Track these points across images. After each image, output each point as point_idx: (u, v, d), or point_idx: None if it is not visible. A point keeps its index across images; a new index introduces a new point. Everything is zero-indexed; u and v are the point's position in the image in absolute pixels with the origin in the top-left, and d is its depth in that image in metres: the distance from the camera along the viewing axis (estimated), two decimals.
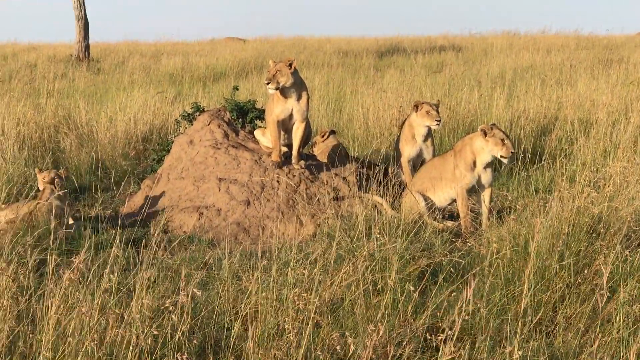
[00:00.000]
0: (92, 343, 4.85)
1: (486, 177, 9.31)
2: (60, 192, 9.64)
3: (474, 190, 9.37)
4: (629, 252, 6.71)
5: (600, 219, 7.44)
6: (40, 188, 9.83)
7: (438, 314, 6.04)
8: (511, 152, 9.03)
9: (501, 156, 9.05)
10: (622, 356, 5.04)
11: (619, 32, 48.19)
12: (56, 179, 9.83)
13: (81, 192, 11.64)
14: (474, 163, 9.23)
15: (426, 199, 9.49)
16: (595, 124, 12.34)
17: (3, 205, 9.66)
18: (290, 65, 9.67)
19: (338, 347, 4.93)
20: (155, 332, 5.05)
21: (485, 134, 9.02)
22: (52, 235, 6.92)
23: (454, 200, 9.58)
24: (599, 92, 15.99)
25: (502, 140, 8.98)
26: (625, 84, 17.27)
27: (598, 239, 7.11)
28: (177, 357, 4.91)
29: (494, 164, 9.34)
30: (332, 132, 11.74)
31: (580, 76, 20.30)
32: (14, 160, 11.69)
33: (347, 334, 5.20)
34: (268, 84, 9.58)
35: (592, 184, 8.34)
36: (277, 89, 9.62)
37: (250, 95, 15.36)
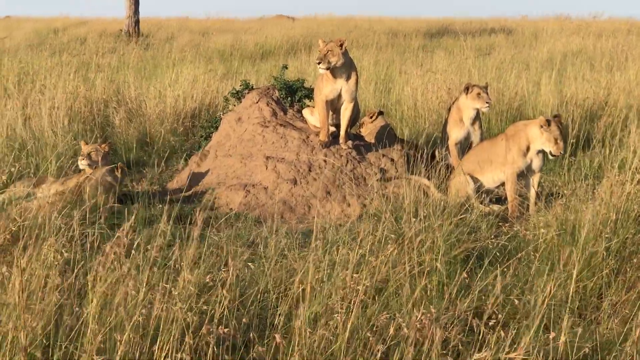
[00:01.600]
0: (140, 317, 4.90)
1: (537, 162, 9.31)
2: (99, 167, 9.72)
3: (522, 175, 9.35)
4: None
5: None
6: (80, 162, 9.89)
7: (483, 297, 6.04)
8: (561, 152, 9.03)
9: (550, 152, 9.06)
10: None
11: None
12: (92, 153, 9.88)
13: (129, 167, 11.71)
14: (527, 148, 9.21)
15: (475, 180, 9.49)
16: None
17: (51, 179, 9.75)
18: (341, 45, 9.68)
19: (392, 330, 4.94)
20: (205, 307, 5.09)
21: (541, 126, 9.01)
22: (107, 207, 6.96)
23: (502, 184, 9.57)
24: None
25: (556, 139, 8.97)
26: None
27: None
28: (221, 330, 4.95)
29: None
30: (381, 113, 11.73)
31: (631, 62, 20.10)
32: (64, 134, 11.77)
33: (397, 315, 5.22)
34: (319, 63, 9.60)
35: None
36: (328, 68, 9.64)
37: (299, 74, 15.38)
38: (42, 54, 22.97)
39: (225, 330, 4.97)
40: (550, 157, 9.20)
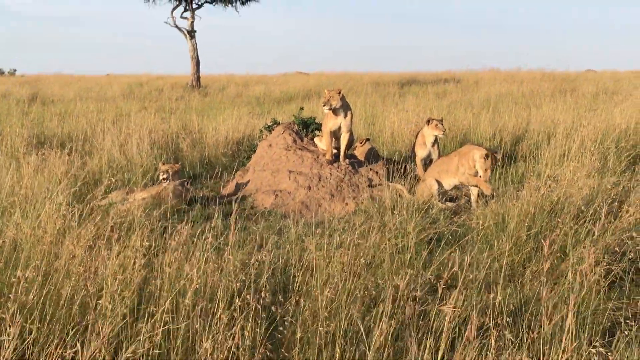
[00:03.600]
0: (198, 285, 4.88)
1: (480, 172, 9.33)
2: (173, 180, 9.78)
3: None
4: (578, 227, 6.64)
5: (558, 203, 7.37)
6: (160, 177, 9.94)
7: (441, 268, 6.03)
8: (486, 179, 9.06)
9: (480, 175, 9.11)
10: (571, 301, 4.98)
11: (573, 69, 47.50)
12: (168, 170, 9.94)
13: (193, 179, 11.75)
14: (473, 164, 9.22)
15: (438, 184, 9.49)
16: (555, 136, 12.19)
17: (139, 188, 9.76)
18: (340, 93, 9.81)
19: (374, 292, 4.92)
20: (244, 278, 5.07)
21: (485, 157, 9.01)
22: (180, 210, 6.93)
23: (455, 187, 9.57)
24: (557, 112, 15.81)
25: (486, 169, 9.00)
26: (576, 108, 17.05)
27: (556, 217, 7.05)
28: (259, 295, 4.93)
29: None
30: (368, 140, 11.72)
31: (543, 101, 20.05)
32: (147, 156, 11.81)
33: (379, 280, 5.20)
34: (324, 106, 9.76)
35: (552, 178, 8.26)
36: (330, 109, 9.77)
37: (311, 113, 15.36)
38: (132, 101, 23.04)
39: (261, 294, 4.95)
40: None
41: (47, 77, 49.25)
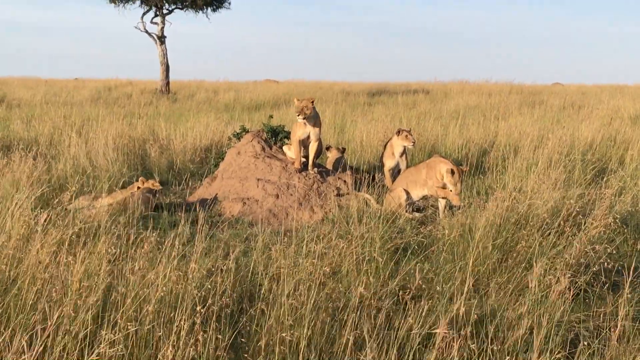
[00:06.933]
0: (162, 293, 4.85)
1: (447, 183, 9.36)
2: (144, 190, 9.78)
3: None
4: (543, 238, 6.70)
5: (523, 215, 7.44)
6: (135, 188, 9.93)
7: (407, 278, 6.05)
8: (457, 192, 9.04)
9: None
10: (536, 312, 5.03)
11: (540, 82, 48.08)
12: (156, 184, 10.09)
13: (161, 185, 11.68)
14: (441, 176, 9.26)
15: (406, 194, 9.53)
16: (521, 148, 12.30)
17: (105, 194, 9.68)
18: (312, 102, 9.82)
19: (338, 302, 4.92)
20: (209, 286, 5.05)
21: (451, 173, 8.99)
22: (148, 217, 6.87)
23: (424, 197, 9.62)
24: (525, 125, 15.97)
25: (456, 184, 8.99)
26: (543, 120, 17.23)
27: (521, 228, 7.11)
28: (223, 303, 4.91)
29: None
30: (332, 147, 11.76)
31: (511, 113, 20.26)
32: (113, 162, 11.73)
33: (344, 289, 5.21)
34: (298, 115, 9.76)
35: (518, 190, 8.34)
36: (304, 119, 9.78)
37: (280, 121, 15.32)
38: (100, 106, 22.86)
39: (226, 302, 4.93)
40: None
41: (12, 80, 48.69)
